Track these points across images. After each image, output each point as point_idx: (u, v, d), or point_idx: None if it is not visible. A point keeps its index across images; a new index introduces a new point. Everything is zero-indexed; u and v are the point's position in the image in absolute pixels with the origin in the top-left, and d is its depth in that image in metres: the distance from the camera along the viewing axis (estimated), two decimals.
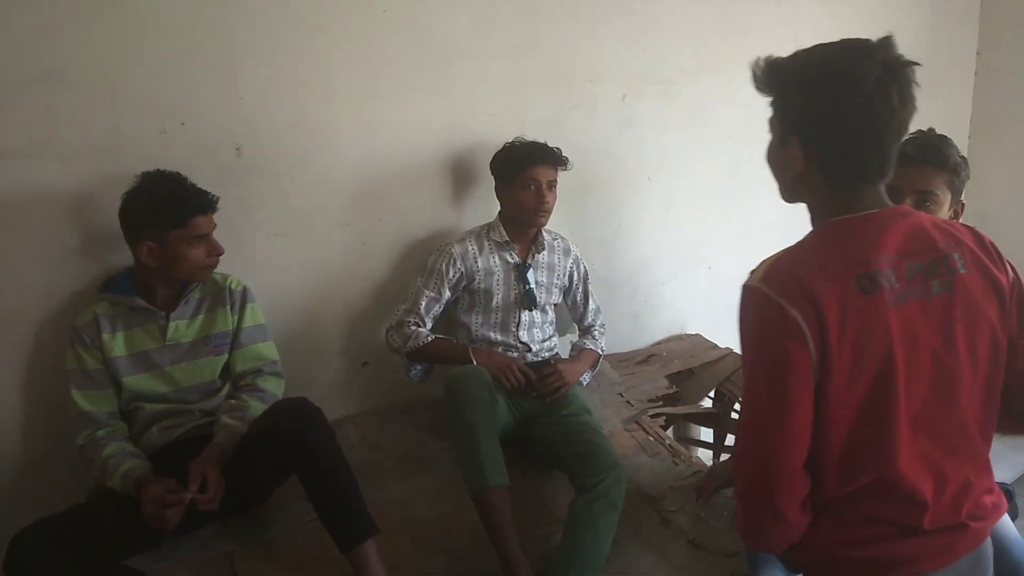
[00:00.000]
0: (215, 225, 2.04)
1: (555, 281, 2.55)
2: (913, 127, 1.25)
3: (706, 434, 3.21)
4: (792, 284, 1.16)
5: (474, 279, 2.45)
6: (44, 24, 1.97)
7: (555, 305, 2.61)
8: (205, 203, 1.99)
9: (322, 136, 2.38)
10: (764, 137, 3.50)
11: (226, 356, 2.13)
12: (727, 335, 3.19)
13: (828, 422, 1.18)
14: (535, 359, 2.51)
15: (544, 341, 2.56)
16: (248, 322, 2.15)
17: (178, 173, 1.99)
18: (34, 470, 2.23)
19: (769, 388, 1.19)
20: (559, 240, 2.60)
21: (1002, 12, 3.55)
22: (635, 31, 2.81)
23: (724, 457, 3.03)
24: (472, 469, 2.03)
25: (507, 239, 2.46)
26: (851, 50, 1.19)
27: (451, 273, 2.42)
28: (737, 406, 2.97)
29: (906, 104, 1.18)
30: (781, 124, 1.28)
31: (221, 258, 2.05)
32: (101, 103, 2.08)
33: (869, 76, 1.15)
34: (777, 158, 1.31)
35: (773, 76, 1.26)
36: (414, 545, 2.05)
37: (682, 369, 3.04)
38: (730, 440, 3.03)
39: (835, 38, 1.23)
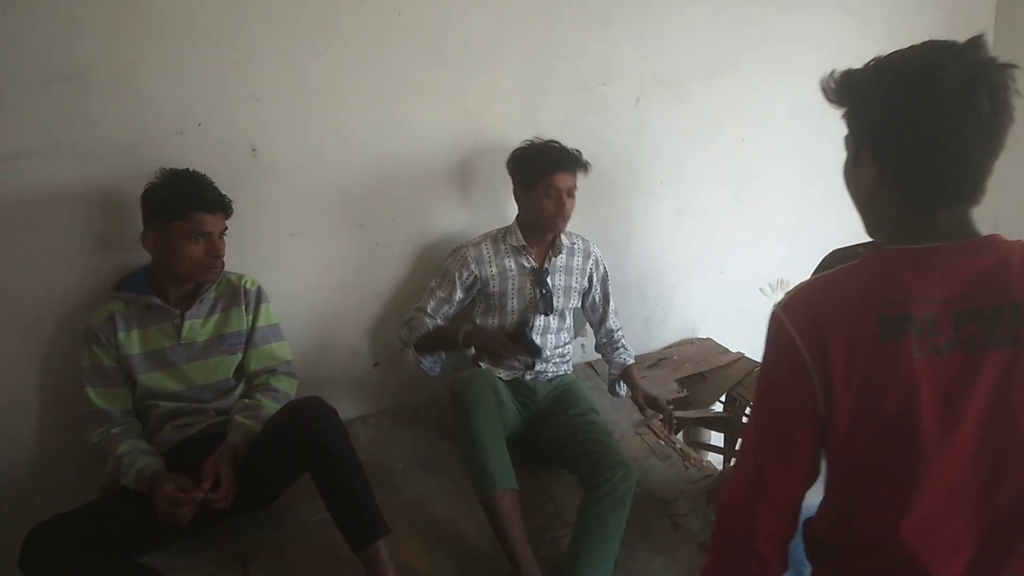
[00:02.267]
0: (224, 227, 2.04)
1: (573, 284, 2.52)
2: None
3: (716, 438, 3.20)
4: (805, 316, 1.09)
5: (488, 283, 2.42)
6: (63, 25, 1.99)
7: (572, 310, 2.58)
8: (212, 201, 1.99)
9: (337, 137, 2.39)
10: (776, 141, 3.47)
11: (240, 355, 2.14)
12: (738, 339, 3.19)
13: (830, 464, 1.12)
14: (543, 363, 2.48)
15: (557, 348, 2.53)
16: (262, 322, 2.16)
17: (204, 175, 2.02)
18: (48, 467, 2.24)
19: (768, 415, 1.15)
20: (579, 242, 2.56)
21: (1016, 19, 3.54)
22: (649, 35, 2.81)
23: (736, 461, 3.01)
24: (479, 472, 2.03)
25: (524, 243, 2.42)
26: (932, 51, 1.06)
27: (464, 276, 2.40)
28: (748, 411, 2.96)
29: (999, 112, 1.02)
30: (854, 137, 1.16)
31: (238, 258, 2.06)
32: (119, 103, 2.09)
33: (951, 79, 1.01)
34: (851, 176, 1.19)
35: (845, 85, 1.13)
36: (425, 546, 2.06)
37: (693, 373, 3.04)
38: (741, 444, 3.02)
39: (850, 46, 1.15)
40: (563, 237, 2.49)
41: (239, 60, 2.20)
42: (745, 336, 3.17)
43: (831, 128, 3.44)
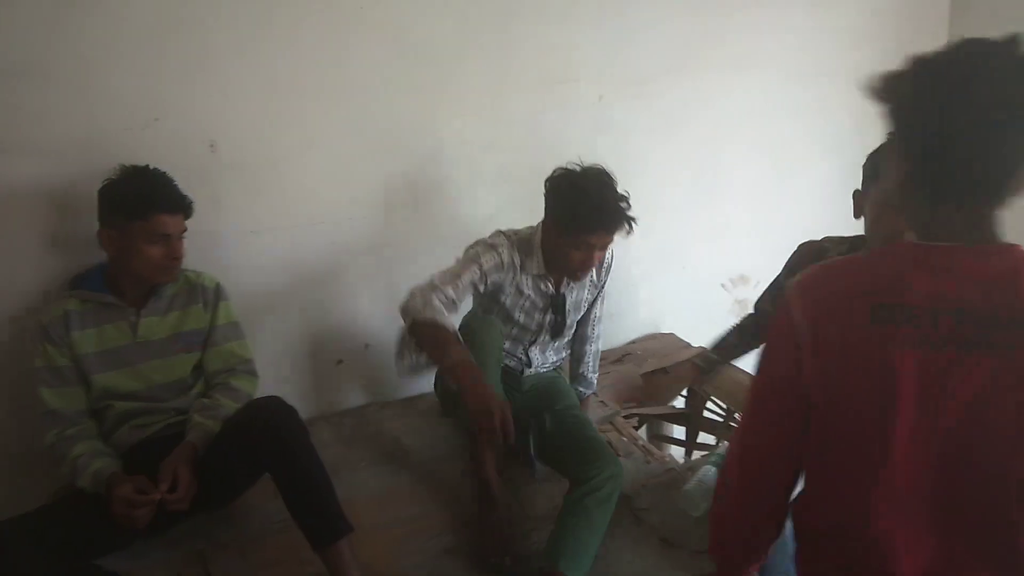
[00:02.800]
0: (184, 228, 2.00)
1: (585, 296, 2.38)
2: (884, 130, 1.16)
3: (679, 432, 3.24)
4: (806, 295, 1.13)
5: (502, 292, 2.22)
6: (18, 18, 1.94)
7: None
8: (174, 203, 1.95)
9: (297, 134, 2.37)
10: (739, 138, 3.49)
11: (198, 354, 2.11)
12: (701, 334, 3.21)
13: (808, 447, 1.16)
14: (532, 372, 2.41)
15: (552, 360, 2.47)
16: (221, 320, 2.13)
17: (164, 172, 1.97)
18: (1, 470, 2.20)
19: (762, 389, 1.19)
20: None
21: (969, 23, 3.61)
22: (612, 32, 2.82)
23: (696, 454, 3.05)
24: None
25: (544, 272, 2.22)
26: (969, 46, 1.05)
27: (492, 278, 2.15)
28: (709, 404, 3.00)
29: None
30: (891, 132, 1.15)
31: (197, 255, 2.03)
32: (74, 99, 2.05)
33: (990, 75, 1.01)
34: (884, 171, 1.23)
35: (888, 84, 1.11)
36: (388, 544, 2.05)
37: (656, 368, 3.06)
38: (702, 438, 3.06)
39: (814, 43, 1.15)
40: None
41: (197, 55, 2.17)
42: (707, 331, 3.20)
43: (795, 124, 3.49)
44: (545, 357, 2.43)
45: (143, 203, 1.90)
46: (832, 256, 1.97)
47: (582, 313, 2.45)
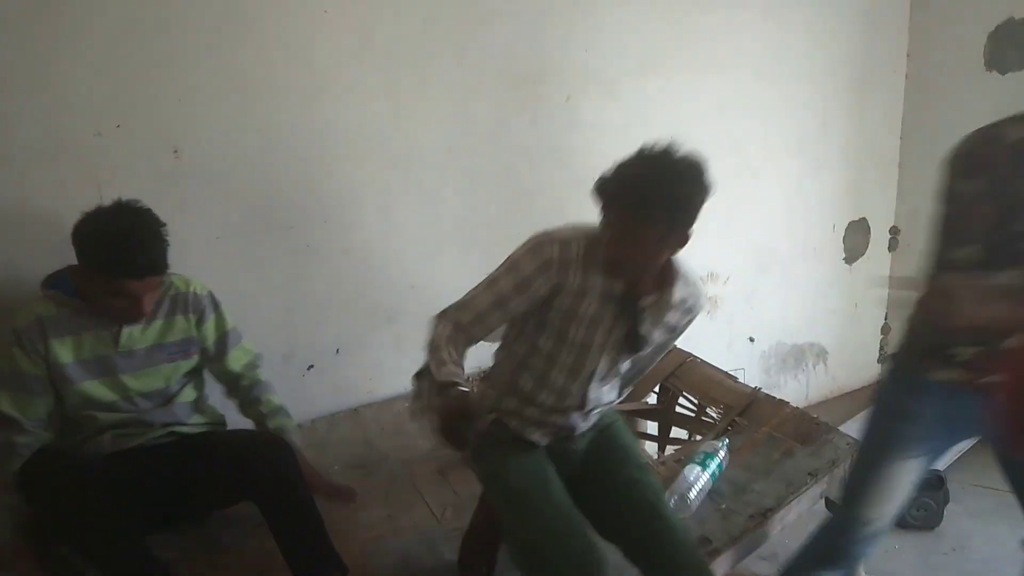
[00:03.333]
0: (155, 287, 1.87)
1: (656, 337, 1.83)
2: (848, 127, 1.16)
3: (652, 427, 3.25)
4: None
5: (559, 292, 1.71)
6: None
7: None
8: (144, 268, 1.80)
9: (263, 137, 2.35)
10: (704, 137, 3.54)
11: (182, 364, 2.03)
12: None
13: None
14: (585, 419, 1.86)
15: (606, 398, 1.91)
16: (229, 324, 2.12)
17: (145, 220, 1.82)
18: None
19: None
20: (690, 300, 1.82)
21: (929, 19, 3.68)
22: (579, 33, 2.84)
23: (669, 449, 3.07)
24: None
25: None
26: None
27: (539, 283, 1.69)
28: (681, 400, 3.02)
29: None
30: None
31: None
32: (33, 104, 2.02)
33: None
34: None
35: None
36: (363, 547, 2.05)
37: None
38: (675, 432, 3.08)
39: (779, 44, 1.17)
40: (678, 289, 1.78)
41: (160, 59, 2.15)
42: None
43: (757, 123, 3.52)
44: (600, 395, 1.86)
45: (109, 267, 1.78)
46: (1016, 139, 1.52)
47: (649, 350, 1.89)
